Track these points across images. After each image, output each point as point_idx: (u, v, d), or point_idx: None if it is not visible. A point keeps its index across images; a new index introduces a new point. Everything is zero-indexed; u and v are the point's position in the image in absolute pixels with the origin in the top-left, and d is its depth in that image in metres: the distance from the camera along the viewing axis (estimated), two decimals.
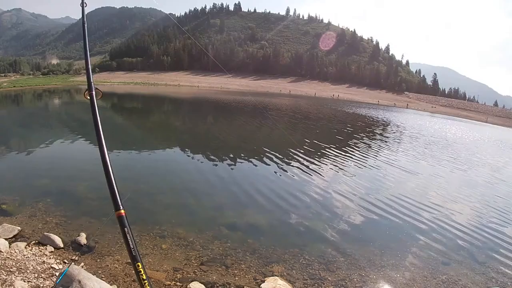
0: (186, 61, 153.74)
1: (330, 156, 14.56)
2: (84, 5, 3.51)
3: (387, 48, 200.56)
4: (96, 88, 2.75)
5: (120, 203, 2.18)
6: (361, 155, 15.44)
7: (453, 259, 6.49)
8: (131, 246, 2.09)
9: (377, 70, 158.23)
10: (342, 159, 14.17)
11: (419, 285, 5.39)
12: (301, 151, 14.92)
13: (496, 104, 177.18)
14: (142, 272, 2.08)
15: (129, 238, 2.10)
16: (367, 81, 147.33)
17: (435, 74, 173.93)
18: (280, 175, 11.08)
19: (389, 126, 33.42)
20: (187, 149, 14.01)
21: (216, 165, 11.88)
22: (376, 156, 15.95)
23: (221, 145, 15.67)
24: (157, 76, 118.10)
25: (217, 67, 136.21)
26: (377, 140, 21.74)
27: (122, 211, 2.16)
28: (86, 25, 3.34)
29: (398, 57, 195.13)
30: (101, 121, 2.49)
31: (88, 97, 2.71)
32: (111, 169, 2.29)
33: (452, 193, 11.15)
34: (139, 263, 2.07)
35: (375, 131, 27.16)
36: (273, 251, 5.90)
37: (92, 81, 2.83)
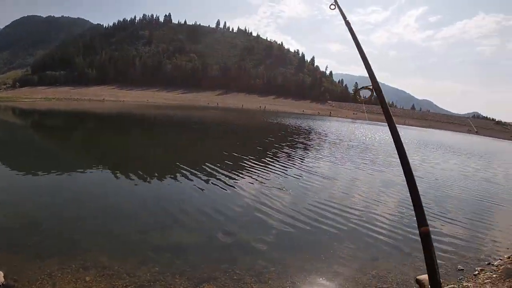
0: (111, 74, 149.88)
1: (252, 168, 14.24)
2: None
3: (312, 60, 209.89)
4: None
5: None
6: (282, 165, 15.48)
7: (380, 255, 6.86)
8: None
9: (302, 81, 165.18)
10: (264, 170, 14.00)
11: (350, 284, 5.64)
12: (224, 164, 14.61)
13: (413, 108, 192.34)
14: None
15: None
16: (293, 92, 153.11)
17: (356, 83, 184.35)
18: (204, 191, 10.62)
19: (310, 134, 34.40)
20: (107, 170, 12.79)
21: (137, 184, 11.05)
22: (296, 164, 16.02)
23: (143, 163, 14.69)
24: (81, 91, 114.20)
25: (144, 81, 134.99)
26: (299, 148, 22.02)
27: None
28: None
29: (322, 68, 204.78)
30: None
31: None
32: None
33: (371, 194, 11.70)
34: None
35: (297, 139, 27.87)
36: (203, 270, 5.68)
37: None
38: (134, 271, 5.49)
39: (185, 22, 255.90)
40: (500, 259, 7.06)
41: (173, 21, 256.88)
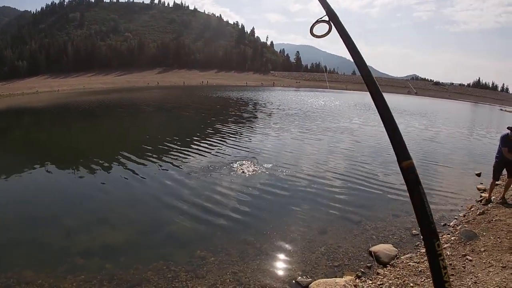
0: (44, 64, 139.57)
1: (177, 151, 13.35)
2: None
3: (252, 31, 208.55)
4: None
5: None
6: (221, 141, 14.95)
7: (329, 228, 6.54)
8: None
9: (244, 53, 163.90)
10: (204, 149, 13.39)
11: (299, 265, 5.34)
12: (157, 148, 13.98)
13: (354, 73, 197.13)
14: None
15: None
16: (235, 65, 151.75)
17: (297, 52, 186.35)
18: (128, 181, 9.91)
19: (254, 105, 34.93)
20: (26, 168, 11.45)
21: (58, 181, 10.27)
22: (237, 140, 15.40)
23: (67, 155, 13.74)
24: (12, 86, 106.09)
25: (78, 67, 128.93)
26: (241, 123, 21.38)
27: None
28: None
29: (263, 39, 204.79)
30: None
31: None
32: None
33: (316, 162, 11.54)
34: None
35: (238, 113, 27.35)
36: (134, 272, 5.27)
37: None
38: (59, 283, 5.05)
39: (117, 0, 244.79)
40: (455, 218, 6.97)
41: (104, 0, 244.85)
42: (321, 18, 1.87)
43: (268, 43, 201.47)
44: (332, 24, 1.83)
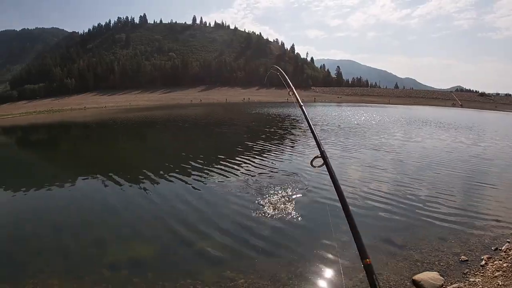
0: (91, 81, 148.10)
1: (230, 166, 13.27)
2: None
3: (292, 48, 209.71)
4: None
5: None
6: (250, 159, 14.46)
7: (369, 251, 6.42)
8: None
9: (284, 69, 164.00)
10: (230, 170, 12.84)
11: None
12: (196, 163, 13.83)
13: (396, 86, 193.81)
14: None
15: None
16: (276, 82, 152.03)
17: (338, 67, 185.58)
18: (163, 195, 9.96)
19: (291, 121, 34.10)
20: (69, 183, 11.66)
21: (98, 192, 10.46)
22: (266, 159, 14.77)
23: (107, 170, 13.46)
24: (62, 101, 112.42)
25: (124, 85, 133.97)
26: (274, 140, 20.77)
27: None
28: None
29: (303, 55, 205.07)
30: None
31: None
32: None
33: (356, 181, 10.96)
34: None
35: (272, 130, 26.75)
36: None
37: None
38: None
39: (160, 21, 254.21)
40: (508, 241, 6.29)
41: (148, 22, 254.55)
42: (318, 155, 2.75)
43: (308, 59, 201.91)
44: (326, 159, 2.68)
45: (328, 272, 5.52)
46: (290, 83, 4.21)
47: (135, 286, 5.19)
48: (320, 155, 2.69)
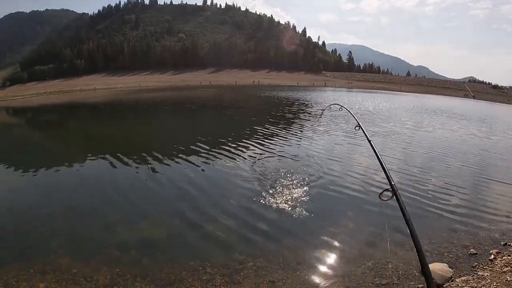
0: (101, 62, 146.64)
1: (239, 148, 13.33)
2: None
3: (304, 31, 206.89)
4: None
5: None
6: (259, 143, 14.53)
7: (378, 240, 5.92)
8: None
9: (295, 53, 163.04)
10: (249, 149, 13.21)
11: (343, 280, 4.95)
12: (205, 145, 13.85)
13: (408, 74, 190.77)
14: None
15: None
16: (286, 65, 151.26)
17: (350, 52, 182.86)
18: (174, 178, 9.97)
19: (300, 105, 34.16)
20: (79, 164, 11.68)
21: (109, 175, 10.41)
22: (275, 143, 14.64)
23: (118, 149, 13.53)
24: (71, 82, 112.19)
25: (134, 66, 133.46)
26: (282, 124, 20.65)
27: None
28: None
29: (314, 39, 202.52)
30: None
31: None
32: None
33: (365, 169, 10.76)
34: None
35: (281, 113, 26.85)
36: (169, 270, 5.13)
37: None
38: (93, 274, 5.05)
39: (171, 2, 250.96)
40: None
41: (159, 2, 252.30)
42: (388, 189, 2.68)
43: (320, 43, 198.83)
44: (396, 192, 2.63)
45: (333, 259, 5.57)
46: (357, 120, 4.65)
47: (144, 267, 5.23)
48: (390, 189, 2.68)
